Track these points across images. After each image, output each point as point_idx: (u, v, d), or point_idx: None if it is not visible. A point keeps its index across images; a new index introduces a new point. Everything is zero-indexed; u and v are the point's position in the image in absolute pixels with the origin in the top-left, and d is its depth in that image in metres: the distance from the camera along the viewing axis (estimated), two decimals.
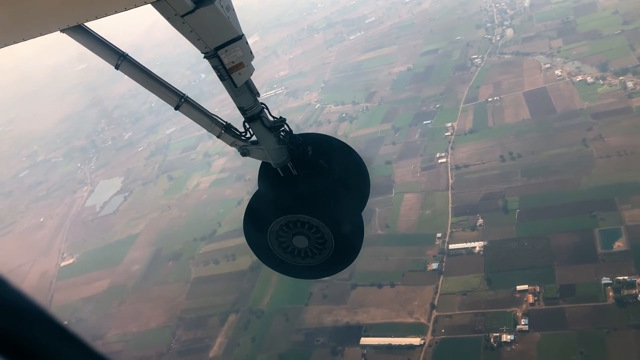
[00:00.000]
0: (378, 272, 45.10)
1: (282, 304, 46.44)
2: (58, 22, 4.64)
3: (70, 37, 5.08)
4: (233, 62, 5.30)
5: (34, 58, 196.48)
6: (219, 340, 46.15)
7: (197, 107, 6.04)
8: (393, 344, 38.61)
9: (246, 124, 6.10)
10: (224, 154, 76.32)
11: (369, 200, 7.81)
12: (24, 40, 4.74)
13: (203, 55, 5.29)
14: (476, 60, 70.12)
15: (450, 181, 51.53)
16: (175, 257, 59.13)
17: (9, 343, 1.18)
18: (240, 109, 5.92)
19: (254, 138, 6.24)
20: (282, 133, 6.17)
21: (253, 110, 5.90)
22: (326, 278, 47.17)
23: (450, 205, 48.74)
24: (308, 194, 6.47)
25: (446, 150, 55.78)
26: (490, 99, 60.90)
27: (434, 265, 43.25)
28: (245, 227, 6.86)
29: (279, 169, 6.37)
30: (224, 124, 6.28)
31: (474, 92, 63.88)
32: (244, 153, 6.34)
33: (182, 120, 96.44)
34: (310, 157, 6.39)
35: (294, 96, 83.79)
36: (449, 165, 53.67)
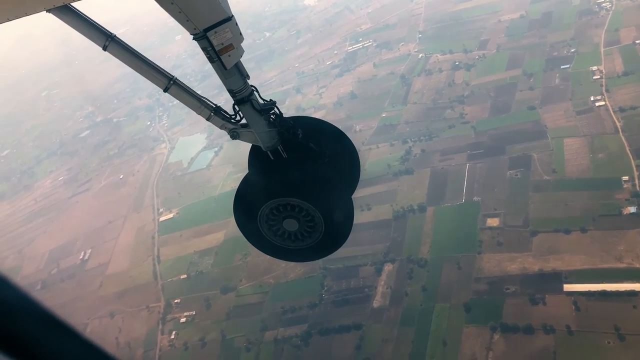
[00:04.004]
0: (559, 218, 41.12)
1: (448, 253, 42.58)
2: (44, 1, 4.58)
3: (57, 17, 4.92)
4: (222, 44, 5.12)
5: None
6: (380, 290, 42.48)
7: (186, 89, 5.90)
8: (608, 290, 34.72)
9: (236, 106, 5.87)
10: (319, 107, 71.97)
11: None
12: (8, 20, 4.64)
13: (192, 36, 5.10)
14: (604, 4, 64.91)
15: (618, 124, 47.10)
16: None
17: (5, 338, 1.18)
18: (230, 91, 5.71)
19: (243, 121, 6.03)
20: (272, 116, 6.00)
21: (243, 93, 5.70)
22: (494, 225, 43.63)
23: (627, 148, 44.39)
24: (298, 178, 6.31)
25: (601, 94, 51.25)
26: (638, 41, 55.96)
27: (632, 209, 39.11)
28: (235, 211, 6.78)
29: (269, 152, 6.21)
30: (214, 106, 6.09)
31: (612, 36, 58.98)
32: (234, 136, 6.13)
33: (259, 77, 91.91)
34: (301, 140, 6.21)
35: (386, 48, 78.98)
36: (610, 108, 49.13)
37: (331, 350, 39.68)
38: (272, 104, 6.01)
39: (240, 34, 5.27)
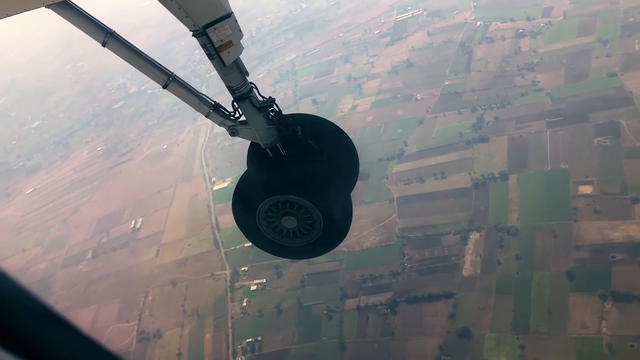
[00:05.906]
0: None
1: (540, 221, 40.82)
2: None
3: (56, 12, 4.90)
4: (222, 41, 5.13)
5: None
6: (468, 259, 40.86)
7: (185, 85, 5.83)
8: None
9: (235, 103, 5.84)
10: (373, 76, 69.64)
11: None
12: (7, 15, 4.58)
13: (191, 33, 5.13)
14: None
15: None
16: (361, 177, 52.83)
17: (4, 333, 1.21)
18: (229, 88, 5.68)
19: (243, 118, 6.01)
20: (271, 113, 5.98)
21: (242, 90, 5.69)
22: (587, 193, 41.75)
23: None
24: (297, 175, 6.30)
25: None
26: None
27: None
28: (233, 208, 6.89)
29: (268, 150, 6.14)
30: (213, 103, 6.00)
31: None
32: (233, 133, 6.07)
33: (300, 47, 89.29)
34: (300, 137, 6.19)
35: (439, 16, 76.13)
36: None
37: (422, 319, 38.27)
38: (271, 101, 5.99)
39: (240, 30, 5.22)
